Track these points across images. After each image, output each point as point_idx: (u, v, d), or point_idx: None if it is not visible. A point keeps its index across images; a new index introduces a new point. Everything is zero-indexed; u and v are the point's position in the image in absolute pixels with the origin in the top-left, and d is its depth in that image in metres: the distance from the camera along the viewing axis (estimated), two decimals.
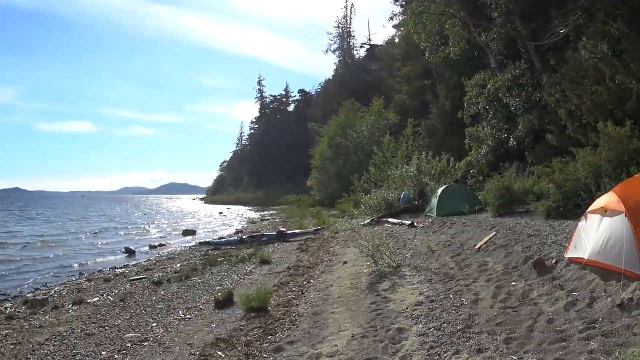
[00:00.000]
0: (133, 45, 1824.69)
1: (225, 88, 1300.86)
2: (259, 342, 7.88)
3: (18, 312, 12.56)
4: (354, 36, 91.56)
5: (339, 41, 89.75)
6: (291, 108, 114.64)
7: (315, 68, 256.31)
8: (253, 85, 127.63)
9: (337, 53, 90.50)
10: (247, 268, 16.12)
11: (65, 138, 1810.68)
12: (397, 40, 61.04)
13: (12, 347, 9.28)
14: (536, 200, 16.40)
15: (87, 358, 8.31)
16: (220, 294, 11.53)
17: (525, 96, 24.30)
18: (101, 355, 8.36)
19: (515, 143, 25.09)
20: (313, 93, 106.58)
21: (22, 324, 11.05)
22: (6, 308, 13.21)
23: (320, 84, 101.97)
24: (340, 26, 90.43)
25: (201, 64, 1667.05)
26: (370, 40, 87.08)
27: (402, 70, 48.42)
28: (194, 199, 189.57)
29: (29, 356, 8.68)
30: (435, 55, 32.04)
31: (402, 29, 49.55)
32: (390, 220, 22.09)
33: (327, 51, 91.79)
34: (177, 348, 8.29)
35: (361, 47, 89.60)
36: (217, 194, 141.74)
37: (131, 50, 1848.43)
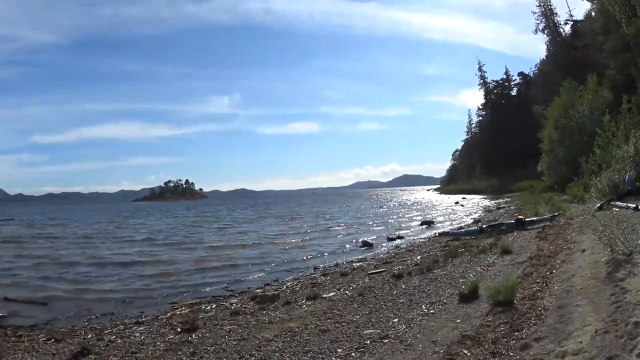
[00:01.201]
0: (344, 45, 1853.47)
1: (448, 76, 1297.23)
2: (505, 339, 7.09)
3: (244, 307, 12.72)
4: (556, 13, 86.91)
5: (543, 20, 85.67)
6: (514, 92, 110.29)
7: (529, 49, 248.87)
8: (474, 71, 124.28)
9: (546, 32, 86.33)
10: (488, 259, 14.99)
11: (290, 139, 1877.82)
12: (593, 14, 57.44)
13: (234, 342, 9.21)
14: None
15: (320, 355, 7.85)
16: (464, 286, 10.72)
17: None
18: (336, 352, 7.86)
19: None
20: (531, 75, 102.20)
21: (249, 320, 11.06)
22: (231, 304, 13.47)
23: (536, 65, 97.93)
24: (542, 4, 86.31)
25: (419, 55, 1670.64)
26: (571, 15, 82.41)
27: (606, 45, 45.74)
28: (429, 190, 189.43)
29: (253, 352, 8.44)
30: (630, 27, 29.31)
31: (595, 1, 47.26)
32: (618, 203, 20.09)
33: (535, 31, 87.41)
34: (420, 345, 7.58)
35: (565, 23, 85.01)
36: (450, 183, 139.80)
37: (343, 49, 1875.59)
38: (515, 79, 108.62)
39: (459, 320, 8.59)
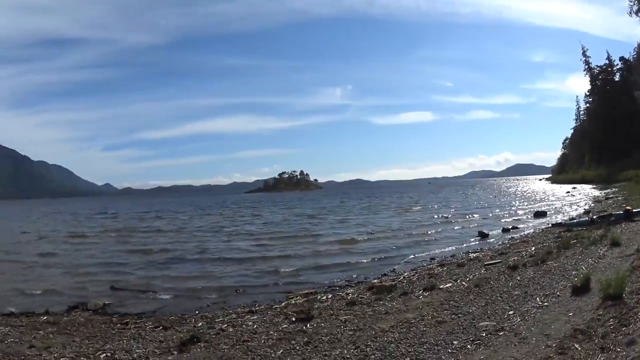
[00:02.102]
0: (450, 33, 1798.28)
1: (554, 63, 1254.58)
2: (613, 334, 6.67)
3: (361, 297, 12.48)
4: None
5: (636, 1, 79.39)
6: (617, 77, 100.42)
7: (628, 32, 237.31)
8: (577, 56, 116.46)
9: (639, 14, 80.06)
10: (599, 251, 14.15)
11: (403, 129, 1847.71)
12: None
13: (350, 332, 8.95)
14: None
15: (435, 347, 7.54)
16: (576, 279, 10.24)
17: None
18: (452, 344, 7.57)
19: None
20: (632, 60, 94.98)
21: (365, 310, 10.78)
22: (348, 294, 13.26)
23: (634, 49, 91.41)
24: None
25: (522, 40, 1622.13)
26: None
27: None
28: (541, 179, 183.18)
29: (369, 342, 8.14)
30: None
31: None
32: None
33: (630, 13, 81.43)
34: (533, 339, 7.25)
35: None
36: (561, 173, 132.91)
37: (450, 37, 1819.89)
38: (617, 64, 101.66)
39: (571, 314, 8.21)
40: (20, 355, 8.54)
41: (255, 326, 10.25)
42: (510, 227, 28.49)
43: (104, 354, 8.69)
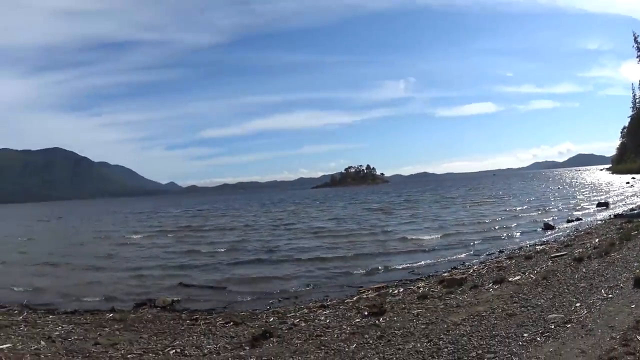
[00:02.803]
0: (507, 23, 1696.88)
1: (608, 50, 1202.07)
2: None
3: (432, 291, 12.22)
4: None
5: None
6: None
7: None
8: (630, 43, 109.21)
9: None
10: None
11: (466, 121, 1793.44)
12: None
13: (423, 326, 8.61)
14: None
15: (506, 339, 7.30)
16: (638, 270, 10.00)
17: None
18: (522, 336, 7.35)
19: None
20: None
21: (436, 304, 10.49)
22: (419, 287, 12.97)
23: None
24: None
25: (578, 28, 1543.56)
26: None
27: None
28: (602, 170, 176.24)
29: (441, 336, 7.81)
30: None
31: None
32: None
33: None
34: (599, 331, 7.08)
35: None
36: (620, 162, 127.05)
37: (507, 27, 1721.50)
38: None
39: (633, 306, 8.05)
40: (85, 352, 8.44)
41: (327, 321, 10.07)
42: (574, 218, 27.87)
43: (173, 350, 8.58)
